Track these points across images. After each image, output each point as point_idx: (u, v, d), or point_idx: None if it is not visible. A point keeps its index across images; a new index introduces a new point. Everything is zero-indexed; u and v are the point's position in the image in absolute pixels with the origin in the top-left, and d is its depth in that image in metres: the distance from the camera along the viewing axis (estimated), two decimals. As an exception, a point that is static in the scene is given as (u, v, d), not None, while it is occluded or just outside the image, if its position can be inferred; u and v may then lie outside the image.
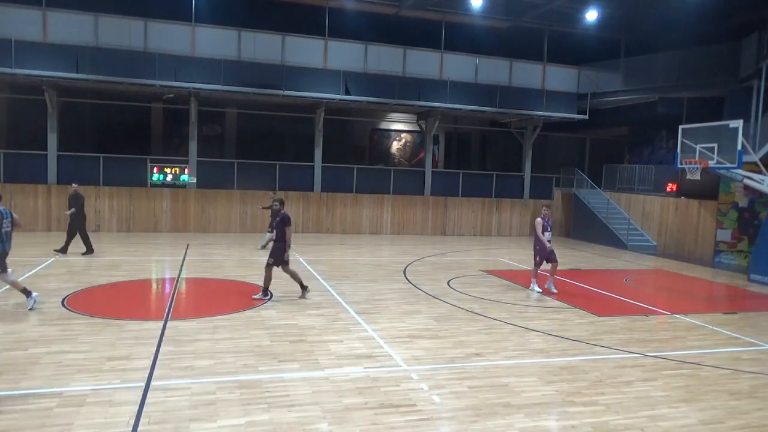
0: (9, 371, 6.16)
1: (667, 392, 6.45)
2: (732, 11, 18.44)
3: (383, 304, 10.21)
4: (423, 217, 22.27)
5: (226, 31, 18.89)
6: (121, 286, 10.85)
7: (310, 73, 19.22)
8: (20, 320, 8.14)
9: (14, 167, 18.02)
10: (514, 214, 23.42)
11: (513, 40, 21.97)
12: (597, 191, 23.31)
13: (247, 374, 6.40)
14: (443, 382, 6.44)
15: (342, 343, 7.73)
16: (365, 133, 25.24)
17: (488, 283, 12.80)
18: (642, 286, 13.59)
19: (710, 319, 10.14)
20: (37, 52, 16.73)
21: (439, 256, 16.66)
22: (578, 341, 8.37)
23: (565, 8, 20.02)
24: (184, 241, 17.33)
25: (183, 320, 8.50)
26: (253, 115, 21.85)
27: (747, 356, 8.09)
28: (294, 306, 9.71)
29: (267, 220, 16.60)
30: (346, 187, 21.16)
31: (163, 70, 17.59)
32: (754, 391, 6.64)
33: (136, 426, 5.02)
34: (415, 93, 20.28)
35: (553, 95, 21.77)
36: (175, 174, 19.25)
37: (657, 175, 21.88)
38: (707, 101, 20.12)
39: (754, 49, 17.15)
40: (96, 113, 21.22)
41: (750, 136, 15.60)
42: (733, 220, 17.40)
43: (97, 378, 6.10)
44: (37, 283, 10.64)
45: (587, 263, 16.82)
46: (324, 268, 13.51)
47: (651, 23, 21.12)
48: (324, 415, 5.42)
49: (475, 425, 5.38)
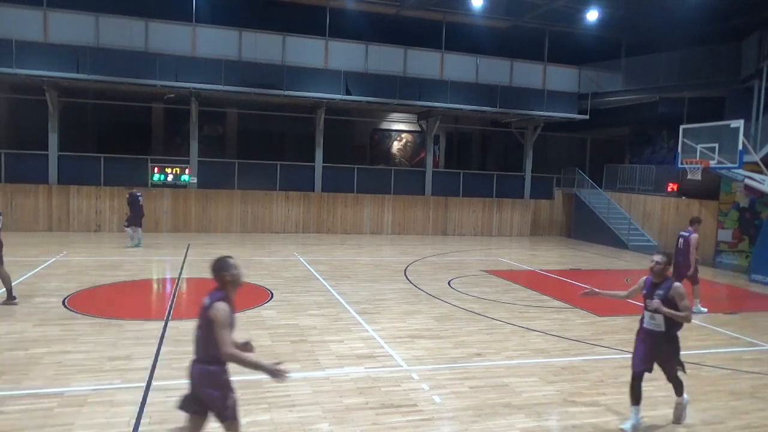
0: (10, 371, 6.17)
1: (668, 392, 6.42)
2: (733, 11, 18.42)
3: (384, 304, 10.21)
4: (424, 217, 22.26)
5: (226, 31, 18.88)
6: (122, 286, 10.86)
7: (310, 73, 19.21)
8: (21, 320, 8.14)
9: (15, 167, 18.01)
10: (515, 214, 23.40)
11: (514, 40, 21.95)
12: (598, 191, 23.29)
13: (247, 374, 6.37)
14: (444, 382, 6.43)
15: (343, 343, 7.73)
16: (366, 133, 25.23)
17: (489, 283, 12.79)
18: (643, 286, 13.56)
19: (711, 320, 10.14)
20: (38, 52, 16.73)
21: (440, 256, 16.65)
22: (579, 341, 8.37)
23: (565, 8, 19.99)
24: (184, 241, 17.33)
25: (184, 320, 8.50)
26: (253, 115, 21.85)
27: (748, 356, 8.09)
28: (295, 306, 9.71)
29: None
30: (346, 187, 21.15)
31: (164, 70, 17.59)
32: (755, 392, 6.63)
33: (136, 426, 5.02)
34: (416, 93, 20.28)
35: (554, 95, 21.75)
36: (176, 174, 19.24)
37: (658, 175, 21.87)
38: (708, 101, 20.09)
39: (754, 50, 17.12)
40: (97, 113, 21.23)
41: (751, 136, 15.58)
42: (734, 220, 17.38)
43: (98, 378, 6.10)
44: (38, 283, 10.64)
45: (588, 263, 16.82)
46: (325, 268, 13.51)
47: (652, 23, 21.11)
48: (325, 415, 5.42)
49: (476, 425, 5.38)
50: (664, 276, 5.38)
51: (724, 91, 18.94)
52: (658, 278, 5.38)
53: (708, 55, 19.30)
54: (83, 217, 18.43)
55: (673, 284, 5.29)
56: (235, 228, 20.09)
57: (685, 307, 5.27)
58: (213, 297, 3.90)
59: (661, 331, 5.35)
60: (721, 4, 17.90)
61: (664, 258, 5.39)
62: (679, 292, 5.25)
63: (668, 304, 5.24)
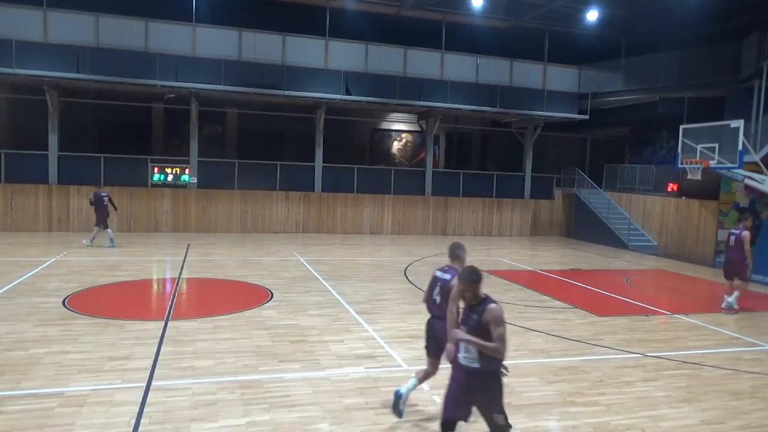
0: (10, 371, 6.17)
1: (668, 392, 6.44)
2: (733, 11, 18.41)
3: (384, 304, 10.20)
4: (424, 217, 22.26)
5: (226, 31, 18.88)
6: (122, 286, 10.85)
7: (310, 73, 19.21)
8: (21, 320, 8.14)
9: (15, 167, 18.01)
10: (515, 214, 23.40)
11: (513, 40, 21.95)
12: (598, 191, 23.29)
13: (247, 374, 6.40)
14: (444, 382, 6.41)
15: (343, 344, 7.73)
16: (366, 133, 25.23)
17: (489, 283, 12.71)
18: (643, 286, 13.58)
19: (711, 320, 10.13)
20: (38, 52, 16.73)
21: (440, 256, 16.64)
22: (579, 341, 8.37)
23: (565, 8, 19.98)
24: (184, 241, 17.34)
25: (184, 320, 8.51)
26: (253, 115, 21.85)
27: (748, 356, 8.09)
28: (295, 306, 9.71)
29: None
30: (346, 187, 21.15)
31: (164, 70, 17.58)
32: (755, 392, 6.63)
33: (136, 426, 5.02)
34: (416, 93, 20.28)
35: (554, 95, 21.75)
36: (176, 174, 19.24)
37: (658, 175, 21.88)
38: (708, 101, 20.09)
39: (755, 50, 17.12)
40: (97, 113, 21.23)
41: (751, 136, 15.58)
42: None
43: (98, 378, 6.10)
44: (38, 283, 10.64)
45: (588, 263, 16.82)
46: (325, 268, 13.51)
47: (652, 23, 21.09)
48: (325, 416, 5.42)
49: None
50: (477, 296, 4.27)
51: (724, 91, 18.94)
52: (471, 300, 4.31)
53: (708, 55, 19.29)
54: (83, 217, 18.41)
55: (488, 306, 4.19)
56: (235, 228, 20.09)
57: (499, 337, 4.11)
58: (451, 272, 5.40)
59: (476, 368, 4.22)
60: (721, 4, 17.90)
61: (462, 280, 4.34)
62: (494, 315, 4.15)
63: (482, 331, 4.16)
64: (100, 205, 15.38)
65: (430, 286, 5.60)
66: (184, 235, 18.92)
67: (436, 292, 5.49)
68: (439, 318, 5.41)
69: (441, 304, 5.37)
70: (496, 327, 4.10)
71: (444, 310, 5.20)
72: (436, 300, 5.47)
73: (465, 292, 4.30)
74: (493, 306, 4.16)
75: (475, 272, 4.26)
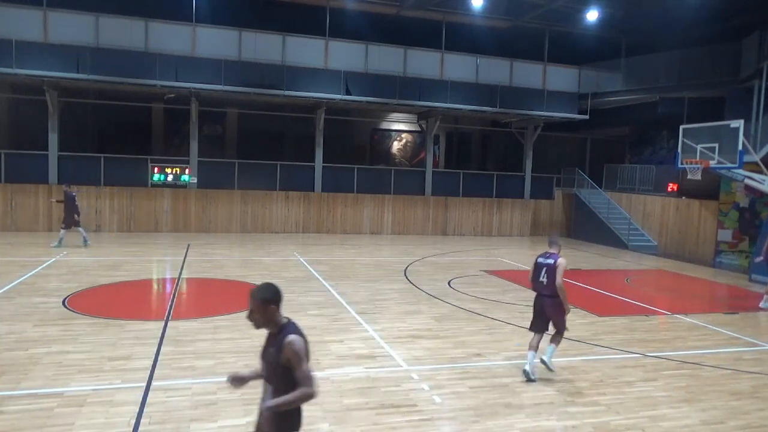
0: (10, 371, 6.17)
1: (668, 392, 6.44)
2: (733, 11, 18.41)
3: (384, 304, 10.20)
4: (424, 217, 22.26)
5: (226, 31, 18.87)
6: (122, 286, 10.85)
7: (310, 73, 19.21)
8: (21, 320, 8.14)
9: (15, 167, 18.01)
10: (515, 214, 23.40)
11: (513, 40, 21.95)
12: (598, 191, 23.30)
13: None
14: (444, 382, 6.43)
15: (343, 344, 7.73)
16: (366, 133, 25.23)
17: (489, 283, 12.79)
18: (643, 286, 13.58)
19: (711, 320, 10.13)
20: (38, 52, 16.73)
21: (440, 256, 16.65)
22: (579, 341, 8.37)
23: (565, 8, 19.98)
24: (184, 241, 17.33)
25: (184, 320, 8.51)
26: (253, 115, 21.84)
27: (748, 356, 8.09)
28: (295, 306, 9.70)
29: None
30: (346, 187, 21.14)
31: (164, 70, 17.58)
32: (755, 392, 6.63)
33: (136, 426, 5.02)
34: (416, 93, 20.27)
35: (554, 95, 21.75)
36: (176, 174, 19.24)
37: (658, 175, 21.88)
38: (708, 101, 20.10)
39: (754, 50, 17.12)
40: (97, 113, 21.22)
41: (751, 136, 15.58)
42: (734, 220, 17.38)
43: (98, 378, 6.10)
44: (38, 283, 10.64)
45: (588, 263, 16.81)
46: (324, 268, 13.51)
47: (652, 23, 21.09)
48: (325, 415, 5.42)
49: (476, 425, 5.38)
50: (272, 321, 3.29)
51: (724, 91, 18.94)
52: (263, 326, 3.29)
53: (708, 55, 19.29)
54: (83, 217, 18.36)
55: (285, 340, 3.19)
56: (235, 228, 20.09)
57: (303, 377, 3.14)
58: (553, 257, 6.79)
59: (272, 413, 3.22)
60: (721, 4, 17.89)
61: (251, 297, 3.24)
62: (293, 349, 3.17)
63: (281, 370, 3.20)
64: (70, 204, 15.14)
65: (536, 271, 6.87)
66: (184, 235, 18.92)
67: (542, 274, 6.75)
68: (546, 296, 6.76)
69: (548, 285, 6.66)
70: (299, 364, 3.15)
71: (551, 288, 6.62)
72: (543, 282, 6.75)
73: (253, 313, 3.24)
74: (291, 338, 3.18)
75: (270, 289, 3.27)
